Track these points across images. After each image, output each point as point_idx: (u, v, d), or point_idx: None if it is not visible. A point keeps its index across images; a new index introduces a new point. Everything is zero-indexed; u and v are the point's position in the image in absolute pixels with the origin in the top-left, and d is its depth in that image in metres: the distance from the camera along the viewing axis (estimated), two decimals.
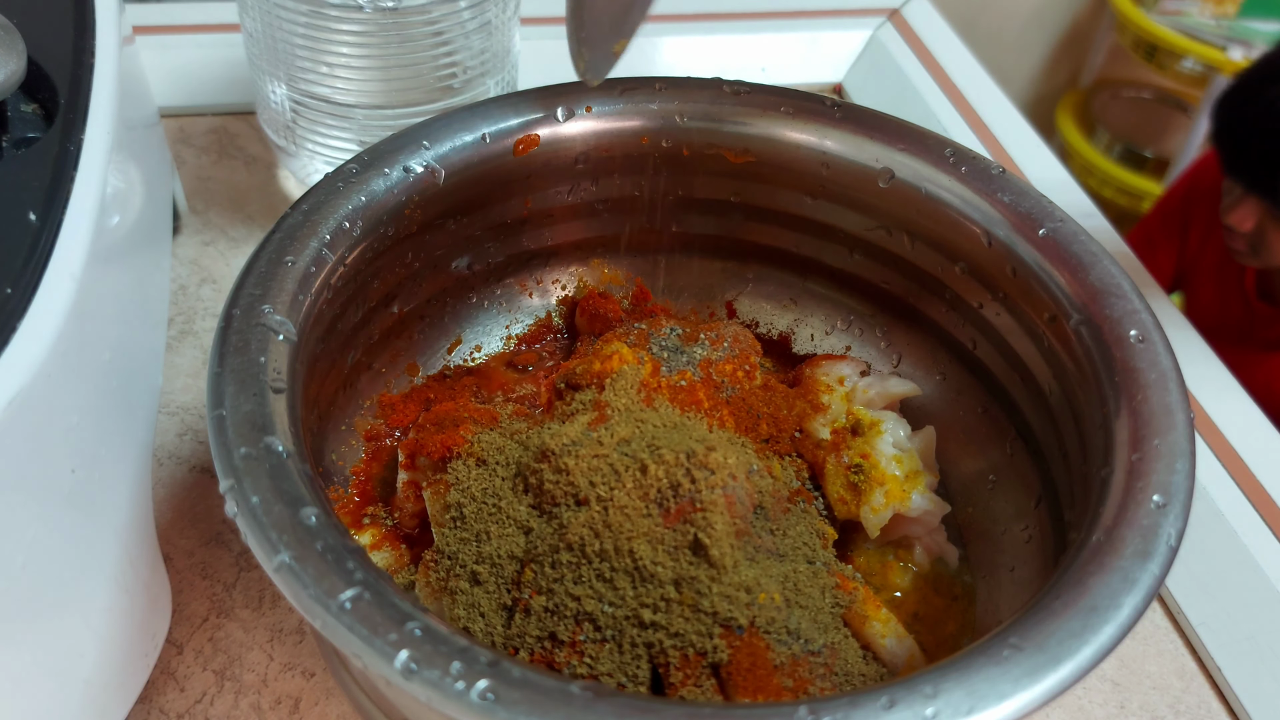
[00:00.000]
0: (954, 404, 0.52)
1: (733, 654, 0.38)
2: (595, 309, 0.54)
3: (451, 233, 0.50)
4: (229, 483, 0.34)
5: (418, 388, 0.52)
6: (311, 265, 0.42)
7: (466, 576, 0.41)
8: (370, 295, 0.47)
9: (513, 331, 0.56)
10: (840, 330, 0.56)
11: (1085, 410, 0.42)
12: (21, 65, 0.39)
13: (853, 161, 0.50)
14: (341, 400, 0.48)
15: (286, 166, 0.68)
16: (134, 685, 0.43)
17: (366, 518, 0.47)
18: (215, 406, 0.36)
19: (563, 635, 0.39)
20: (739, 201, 0.54)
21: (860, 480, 0.47)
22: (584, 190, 0.53)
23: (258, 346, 0.38)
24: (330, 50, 0.58)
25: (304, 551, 0.32)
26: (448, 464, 0.45)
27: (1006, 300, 0.47)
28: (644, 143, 0.51)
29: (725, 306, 0.57)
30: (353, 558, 0.33)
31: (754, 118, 0.51)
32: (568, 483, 0.41)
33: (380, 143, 0.47)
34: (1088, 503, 0.39)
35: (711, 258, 0.57)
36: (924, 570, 0.48)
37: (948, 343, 0.52)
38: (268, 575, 0.32)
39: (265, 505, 0.33)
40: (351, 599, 0.31)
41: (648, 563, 0.39)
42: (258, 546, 0.33)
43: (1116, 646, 0.33)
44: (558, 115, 0.50)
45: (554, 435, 0.43)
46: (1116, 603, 0.33)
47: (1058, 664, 0.32)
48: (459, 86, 0.61)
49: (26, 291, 0.34)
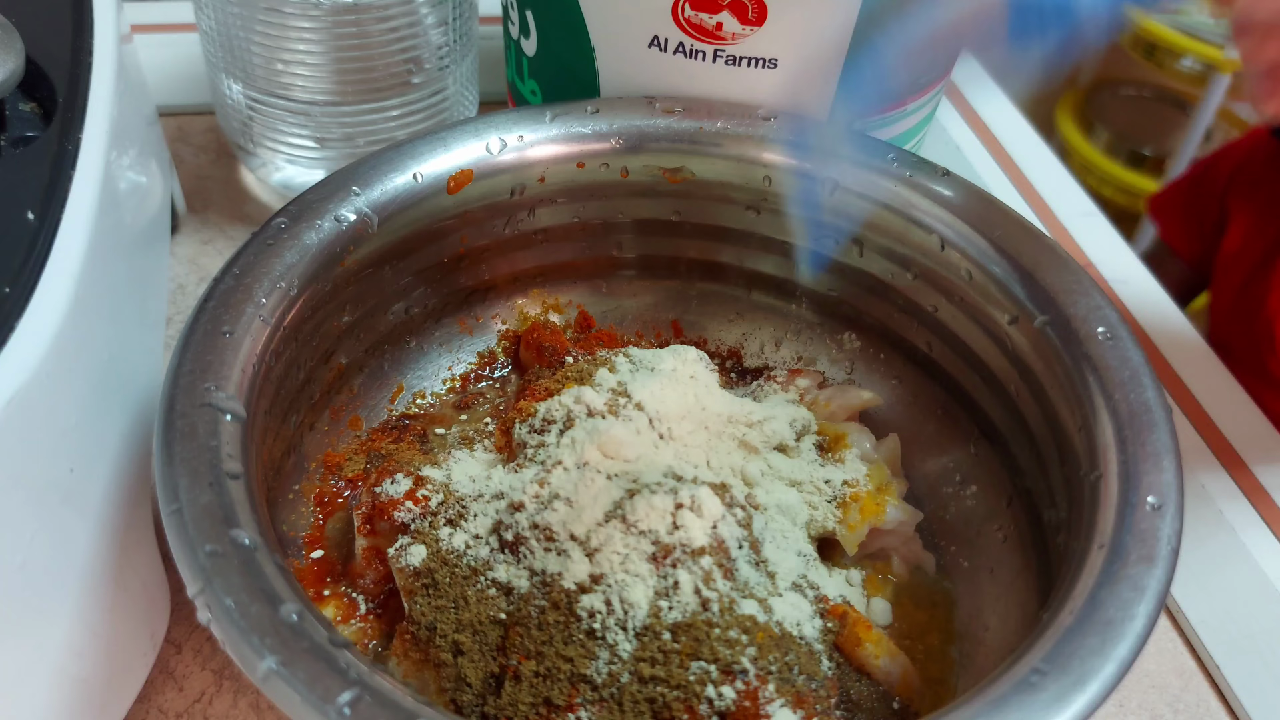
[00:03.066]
0: (911, 407, 0.52)
1: (739, 699, 0.37)
2: (539, 341, 0.52)
3: (387, 278, 0.48)
4: (198, 585, 0.31)
5: (363, 442, 0.49)
6: (251, 334, 0.39)
7: (448, 648, 0.39)
8: (310, 353, 0.45)
9: (455, 372, 0.53)
10: (790, 340, 0.55)
11: (1060, 412, 0.42)
12: (20, 64, 0.39)
13: (794, 173, 0.49)
14: (287, 467, 0.45)
15: (246, 165, 0.67)
16: (133, 684, 0.42)
17: (327, 590, 0.44)
18: (170, 501, 0.33)
19: (558, 700, 0.37)
20: (680, 220, 0.53)
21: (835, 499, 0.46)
22: (521, 221, 0.51)
23: (206, 430, 0.35)
24: (286, 47, 0.57)
25: (291, 654, 0.30)
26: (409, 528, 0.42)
27: (964, 304, 0.47)
28: (580, 168, 0.50)
29: (671, 326, 0.56)
30: (344, 654, 0.31)
31: (690, 135, 0.50)
32: (547, 537, 0.39)
33: (307, 192, 0.44)
34: (1078, 507, 0.39)
35: (655, 278, 0.55)
36: (903, 580, 0.48)
37: (901, 347, 0.52)
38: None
39: (241, 607, 0.31)
40: (350, 702, 0.29)
41: (643, 614, 0.37)
42: (239, 654, 0.30)
43: (1136, 659, 0.33)
44: (490, 148, 0.48)
45: (527, 487, 0.41)
46: (1130, 613, 0.33)
47: (1084, 685, 0.31)
48: (418, 83, 0.60)
49: (25, 291, 0.34)
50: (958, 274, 0.46)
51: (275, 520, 0.44)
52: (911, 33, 0.39)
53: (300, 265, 0.42)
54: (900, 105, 0.53)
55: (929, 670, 0.44)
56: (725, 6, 0.47)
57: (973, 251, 0.46)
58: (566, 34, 0.51)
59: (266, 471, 0.42)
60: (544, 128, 0.49)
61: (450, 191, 0.47)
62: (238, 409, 0.37)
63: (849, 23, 0.47)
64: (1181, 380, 0.60)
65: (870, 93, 0.40)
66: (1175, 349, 0.61)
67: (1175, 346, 0.61)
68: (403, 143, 0.47)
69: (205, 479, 0.34)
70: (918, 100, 0.54)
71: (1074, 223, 0.73)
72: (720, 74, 0.50)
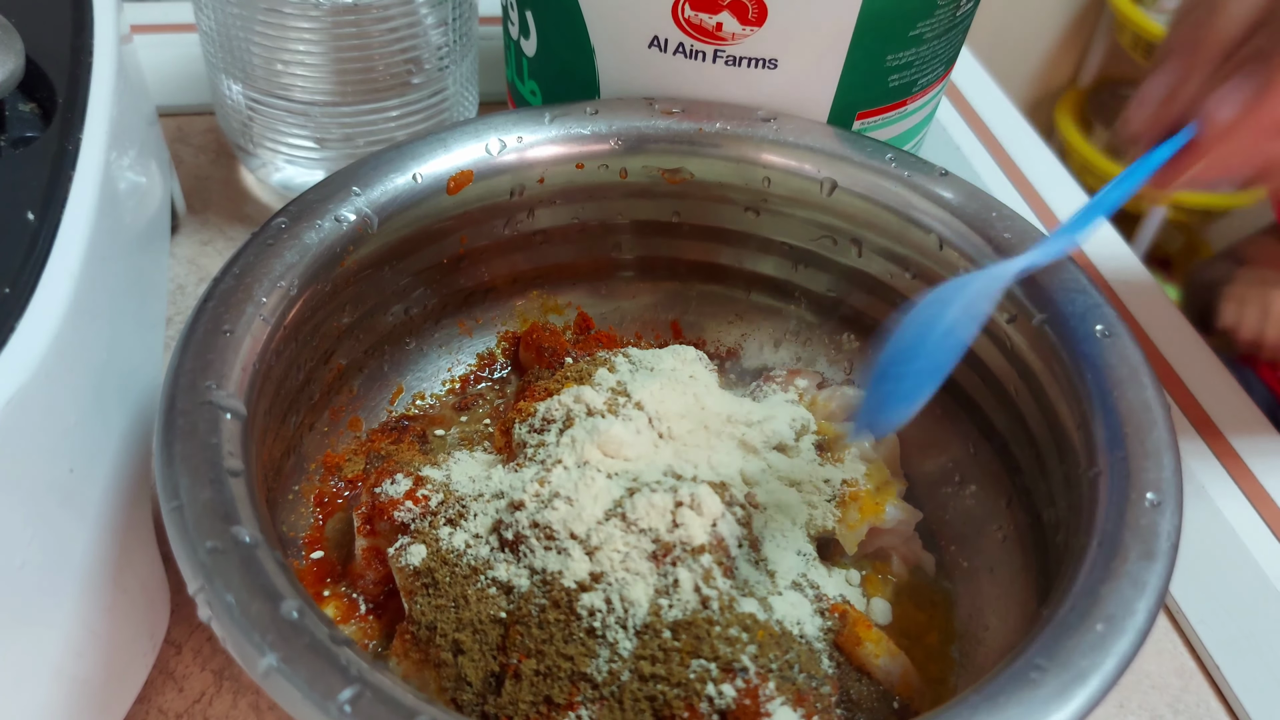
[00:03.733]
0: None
1: (739, 697, 0.36)
2: (539, 342, 0.52)
3: (387, 279, 0.48)
4: (199, 583, 0.31)
5: (363, 443, 0.49)
6: (251, 334, 0.39)
7: (449, 647, 0.39)
8: (310, 354, 0.45)
9: (455, 374, 0.53)
10: (789, 341, 0.55)
11: (1058, 409, 0.42)
12: (19, 64, 0.39)
13: (794, 174, 0.49)
14: (287, 468, 0.45)
15: (245, 165, 0.67)
16: (133, 685, 0.42)
17: (326, 590, 0.44)
18: (170, 498, 0.33)
19: (559, 699, 0.37)
20: (679, 221, 0.53)
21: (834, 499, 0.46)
22: (520, 222, 0.51)
23: (207, 428, 0.35)
24: (286, 47, 0.57)
25: (292, 651, 0.30)
26: (409, 527, 0.42)
27: None
28: (579, 169, 0.50)
29: (670, 327, 0.56)
30: (344, 651, 0.31)
31: (689, 136, 0.50)
32: (547, 535, 0.39)
33: (307, 192, 0.44)
34: (1077, 505, 0.38)
35: (654, 279, 0.55)
36: (903, 580, 0.48)
37: None
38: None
39: (242, 604, 0.31)
40: (351, 699, 0.29)
41: (643, 612, 0.37)
42: (239, 651, 0.30)
43: (1137, 654, 0.33)
44: (489, 149, 0.48)
45: (527, 485, 0.41)
46: (1131, 609, 0.33)
47: (1084, 681, 0.31)
48: (418, 84, 0.60)
49: (25, 291, 0.34)
50: (956, 273, 0.46)
51: (275, 521, 0.44)
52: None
53: (300, 265, 0.42)
54: (900, 105, 0.53)
55: (929, 670, 0.44)
56: (725, 7, 0.47)
57: (971, 251, 0.46)
58: (566, 34, 0.51)
59: (266, 472, 0.42)
60: (543, 129, 0.49)
61: (450, 192, 0.47)
62: (238, 407, 0.37)
63: (849, 23, 0.47)
64: (1179, 378, 0.60)
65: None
66: (1173, 346, 0.61)
67: (1173, 344, 0.61)
68: (402, 143, 0.47)
69: (206, 476, 0.34)
70: (917, 100, 0.54)
71: None
72: (720, 74, 0.50)
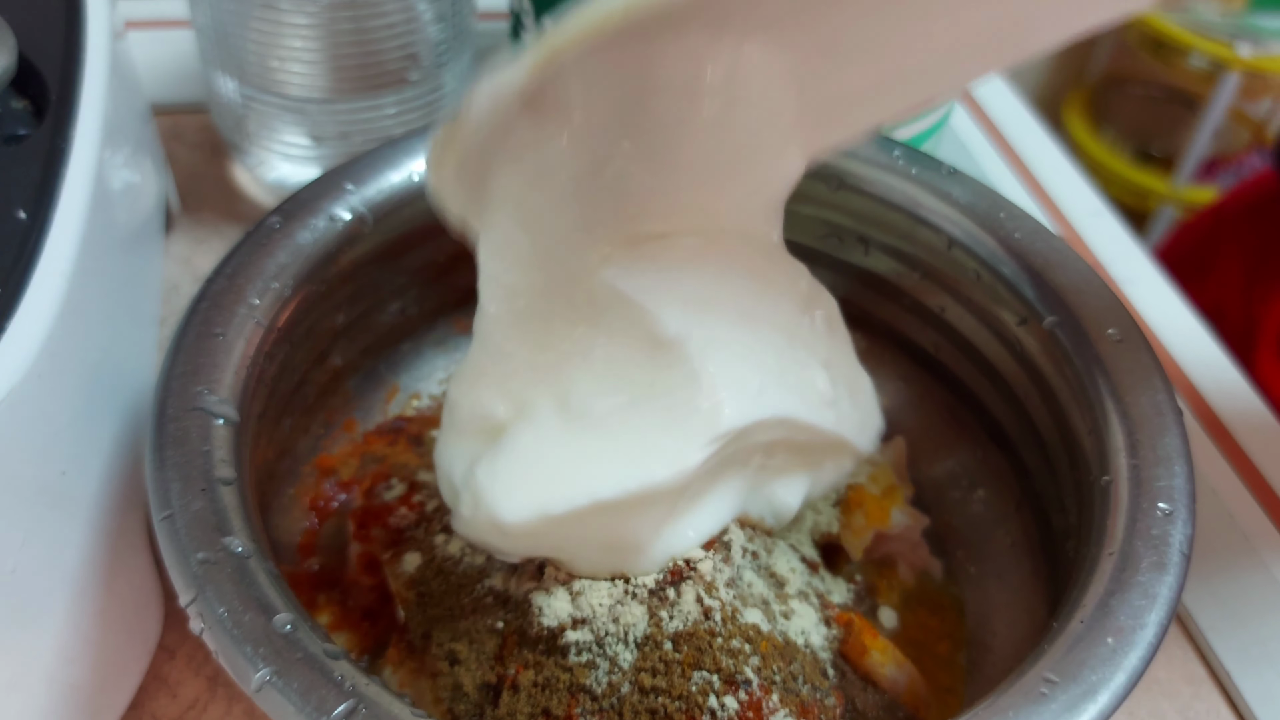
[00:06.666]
0: (917, 410, 0.51)
1: (742, 710, 0.36)
2: None
3: (383, 278, 0.47)
4: (190, 595, 0.30)
5: (358, 445, 0.49)
6: (244, 336, 0.38)
7: (444, 656, 0.38)
8: (305, 356, 0.44)
9: (451, 373, 0.52)
10: None
11: (1070, 415, 0.41)
12: (11, 60, 0.39)
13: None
14: (280, 471, 0.45)
15: (240, 162, 0.66)
16: (125, 691, 0.42)
17: (320, 596, 0.43)
18: (162, 508, 0.32)
19: (557, 711, 0.36)
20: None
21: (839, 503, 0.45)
22: None
23: (198, 435, 0.34)
24: (282, 43, 0.56)
25: (285, 665, 0.29)
26: (404, 533, 0.42)
27: (971, 304, 0.46)
28: None
29: None
30: (339, 665, 0.30)
31: None
32: None
33: (301, 190, 0.43)
34: (1088, 512, 0.38)
35: None
36: (910, 587, 0.47)
37: (907, 347, 0.51)
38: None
39: (234, 617, 0.30)
40: (346, 714, 0.29)
41: (644, 623, 0.36)
42: (232, 665, 0.29)
43: (1148, 667, 0.32)
44: None
45: None
46: (1141, 621, 0.32)
47: (1094, 695, 0.31)
48: (415, 80, 0.59)
49: (15, 291, 0.34)
50: (965, 273, 0.45)
51: (268, 526, 0.43)
52: None
53: (294, 265, 0.41)
54: None
55: (937, 678, 0.43)
56: None
57: (980, 251, 0.45)
58: None
59: (259, 476, 0.41)
60: None
61: None
62: (230, 413, 0.36)
63: None
64: (1192, 383, 0.59)
65: None
66: (1186, 350, 0.60)
67: (1186, 348, 0.60)
68: (399, 140, 0.46)
69: (197, 485, 0.33)
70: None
71: (1083, 222, 0.72)
72: None
